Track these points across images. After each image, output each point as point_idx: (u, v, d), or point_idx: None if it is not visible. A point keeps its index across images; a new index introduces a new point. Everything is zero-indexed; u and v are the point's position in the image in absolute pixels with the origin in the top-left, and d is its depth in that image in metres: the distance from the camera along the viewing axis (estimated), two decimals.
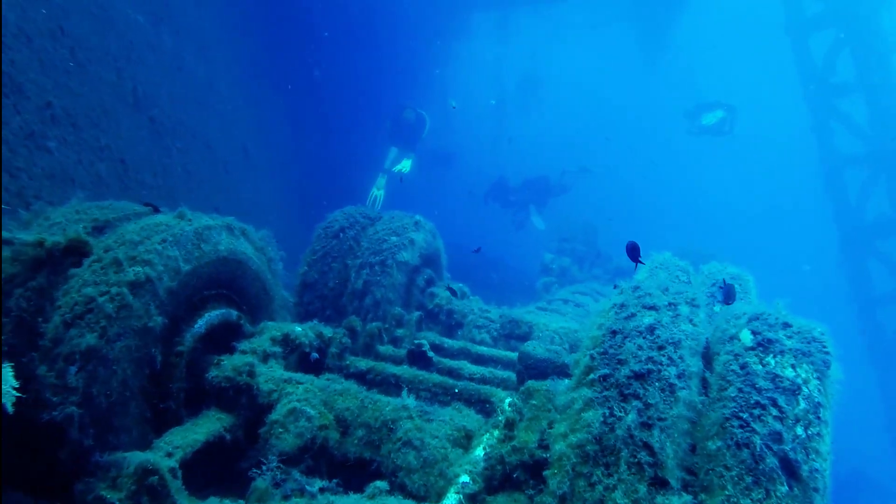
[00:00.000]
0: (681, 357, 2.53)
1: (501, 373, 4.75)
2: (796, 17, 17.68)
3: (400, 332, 5.58)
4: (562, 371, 3.98)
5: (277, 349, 3.82)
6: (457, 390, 4.17)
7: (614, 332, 2.67)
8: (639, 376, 2.48)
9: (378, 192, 14.11)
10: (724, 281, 3.44)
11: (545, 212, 18.10)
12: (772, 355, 2.53)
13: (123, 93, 8.53)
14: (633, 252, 3.72)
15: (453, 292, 6.54)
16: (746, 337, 2.61)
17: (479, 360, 5.57)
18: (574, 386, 2.65)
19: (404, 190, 14.87)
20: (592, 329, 2.80)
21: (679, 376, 2.47)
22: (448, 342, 5.62)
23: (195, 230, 3.53)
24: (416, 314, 5.71)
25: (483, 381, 4.66)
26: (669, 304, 2.83)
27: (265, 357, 3.72)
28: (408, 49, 17.84)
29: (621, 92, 39.10)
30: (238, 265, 3.89)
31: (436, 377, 4.29)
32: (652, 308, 2.79)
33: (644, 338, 2.60)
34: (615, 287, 3.19)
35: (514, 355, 5.44)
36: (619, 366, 2.54)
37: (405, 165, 14.40)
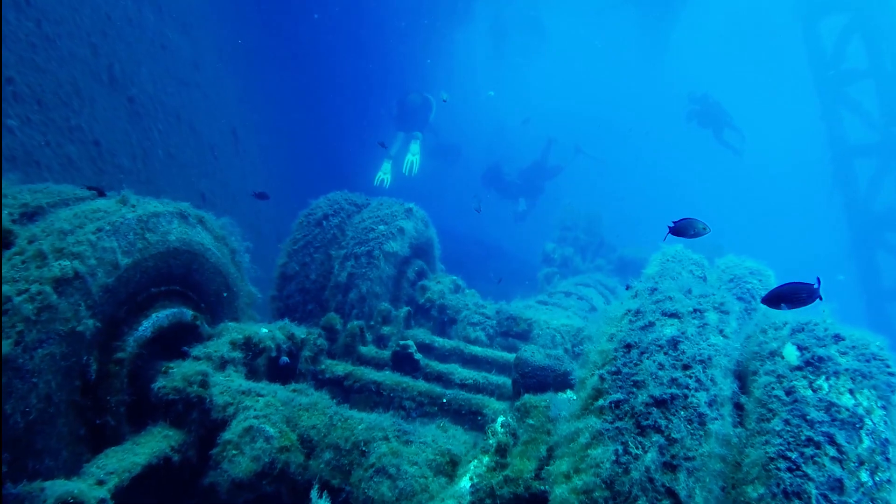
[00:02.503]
0: (712, 379, 2.05)
1: (496, 378, 4.27)
2: (807, 2, 17.11)
3: (386, 329, 5.09)
4: (563, 381, 3.50)
5: (237, 354, 3.33)
6: (445, 400, 3.69)
7: (629, 346, 2.18)
8: (660, 403, 1.99)
9: (384, 175, 13.72)
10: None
11: (542, 198, 17.63)
12: (824, 377, 2.04)
13: (99, 70, 8.01)
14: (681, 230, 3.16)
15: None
16: (791, 354, 2.12)
17: (473, 361, 5.10)
18: (579, 412, 2.16)
19: (409, 179, 14.48)
20: (602, 340, 2.31)
21: (710, 403, 1.99)
22: (439, 341, 5.14)
23: (139, 217, 3.04)
24: (405, 310, 5.23)
25: (476, 387, 4.18)
26: (694, 310, 2.34)
27: (222, 364, 3.24)
28: (405, 32, 17.25)
29: (625, 80, 38.37)
30: (193, 258, 3.39)
31: (422, 385, 3.81)
32: (674, 315, 2.30)
33: (666, 354, 2.11)
34: (628, 288, 2.72)
35: (510, 356, 4.96)
36: (635, 389, 2.05)
37: (415, 153, 13.92)
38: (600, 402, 2.08)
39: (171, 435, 2.96)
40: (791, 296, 2.61)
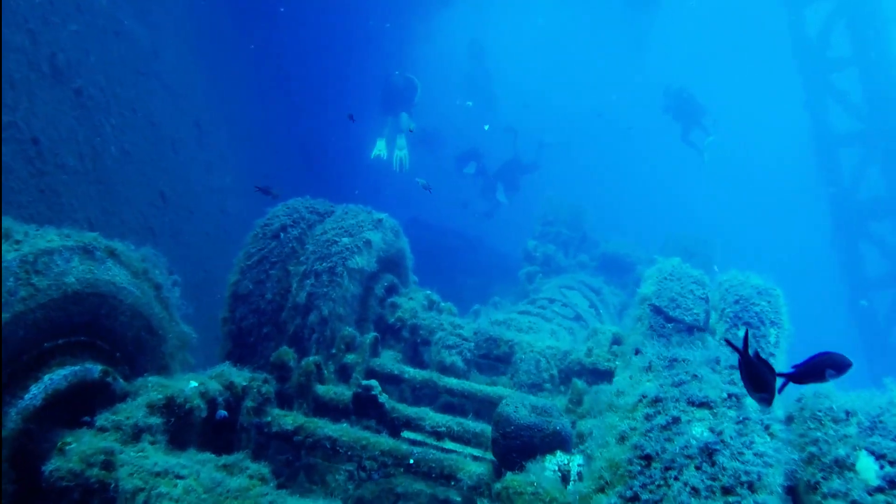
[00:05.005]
0: None
1: (473, 424, 3.70)
2: None
3: (350, 358, 4.52)
4: (553, 441, 2.94)
5: (155, 421, 2.71)
6: (412, 461, 3.12)
7: (648, 458, 1.62)
8: None
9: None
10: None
11: (520, 193, 17.16)
12: None
13: (38, 61, 7.29)
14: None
15: None
16: (868, 469, 1.57)
17: (449, 393, 4.55)
18: None
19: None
20: (610, 440, 1.75)
21: None
22: (409, 372, 4.57)
23: (22, 258, 2.41)
24: (371, 336, 4.64)
25: (450, 435, 3.62)
26: (729, 395, 1.78)
27: (136, 434, 2.62)
28: (375, 30, 16.48)
29: (606, 67, 37.75)
30: (102, 301, 2.77)
31: (385, 442, 3.23)
32: (704, 405, 1.74)
33: (699, 469, 1.56)
34: (637, 353, 2.16)
35: (491, 391, 4.41)
36: None
37: (402, 147, 13.41)
38: None
39: None
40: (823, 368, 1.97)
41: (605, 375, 4.75)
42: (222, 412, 3.13)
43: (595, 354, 4.82)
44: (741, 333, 4.25)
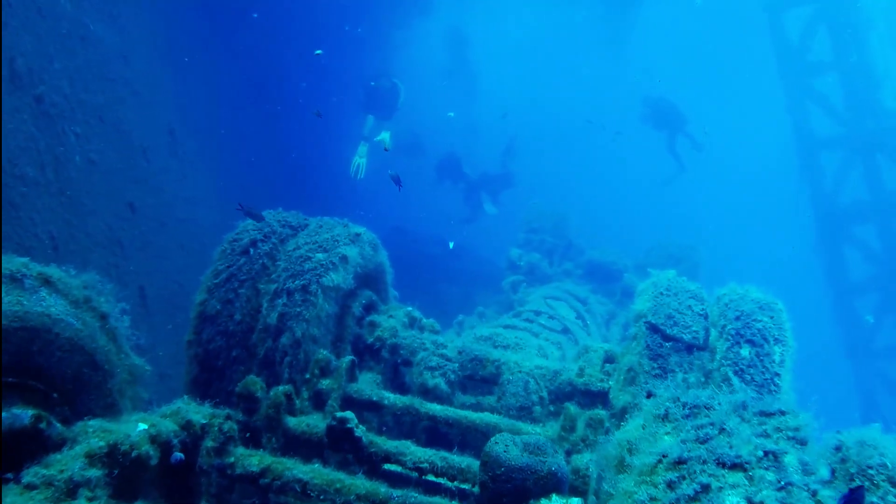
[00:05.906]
0: None
1: (458, 459, 3.39)
2: None
3: (325, 383, 4.19)
4: (548, 483, 2.64)
5: (95, 472, 2.36)
6: None
7: None
8: None
9: (360, 160, 13.27)
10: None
11: (502, 201, 16.97)
12: None
13: None
14: None
15: None
16: None
17: (432, 420, 4.23)
18: None
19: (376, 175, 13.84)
20: None
21: None
22: (390, 398, 4.25)
23: None
24: (347, 360, 4.31)
25: (433, 470, 3.32)
26: (765, 453, 1.50)
27: (71, 490, 2.27)
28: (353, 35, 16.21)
29: (586, 70, 37.69)
30: (33, 336, 2.42)
31: (361, 484, 2.91)
32: (736, 466, 1.45)
33: None
34: (649, 396, 1.87)
35: (477, 418, 4.10)
36: None
37: (385, 138, 13.31)
38: None
39: None
40: None
41: (598, 396, 4.47)
42: (178, 454, 2.79)
43: (587, 374, 4.54)
44: (744, 352, 4.00)
